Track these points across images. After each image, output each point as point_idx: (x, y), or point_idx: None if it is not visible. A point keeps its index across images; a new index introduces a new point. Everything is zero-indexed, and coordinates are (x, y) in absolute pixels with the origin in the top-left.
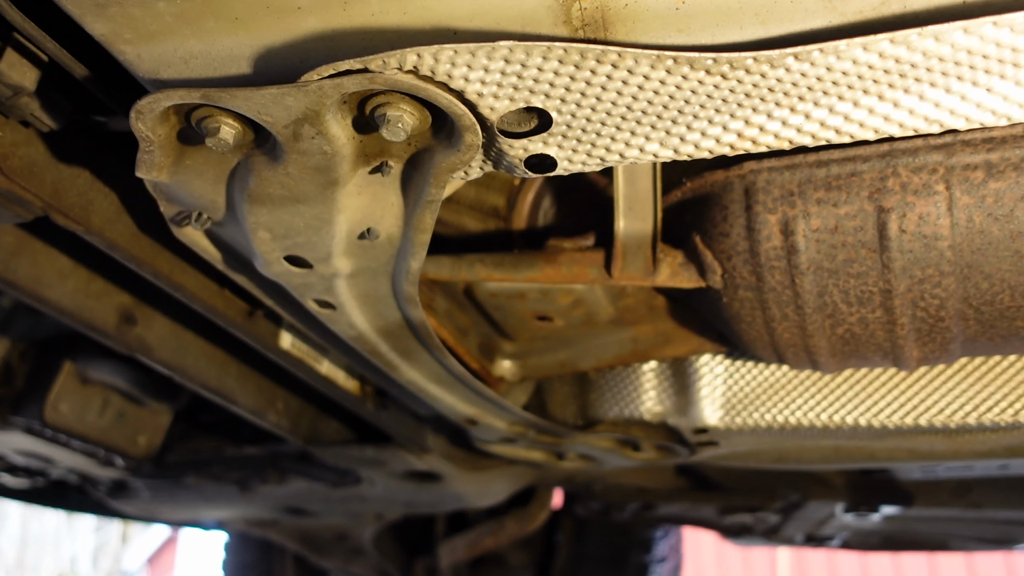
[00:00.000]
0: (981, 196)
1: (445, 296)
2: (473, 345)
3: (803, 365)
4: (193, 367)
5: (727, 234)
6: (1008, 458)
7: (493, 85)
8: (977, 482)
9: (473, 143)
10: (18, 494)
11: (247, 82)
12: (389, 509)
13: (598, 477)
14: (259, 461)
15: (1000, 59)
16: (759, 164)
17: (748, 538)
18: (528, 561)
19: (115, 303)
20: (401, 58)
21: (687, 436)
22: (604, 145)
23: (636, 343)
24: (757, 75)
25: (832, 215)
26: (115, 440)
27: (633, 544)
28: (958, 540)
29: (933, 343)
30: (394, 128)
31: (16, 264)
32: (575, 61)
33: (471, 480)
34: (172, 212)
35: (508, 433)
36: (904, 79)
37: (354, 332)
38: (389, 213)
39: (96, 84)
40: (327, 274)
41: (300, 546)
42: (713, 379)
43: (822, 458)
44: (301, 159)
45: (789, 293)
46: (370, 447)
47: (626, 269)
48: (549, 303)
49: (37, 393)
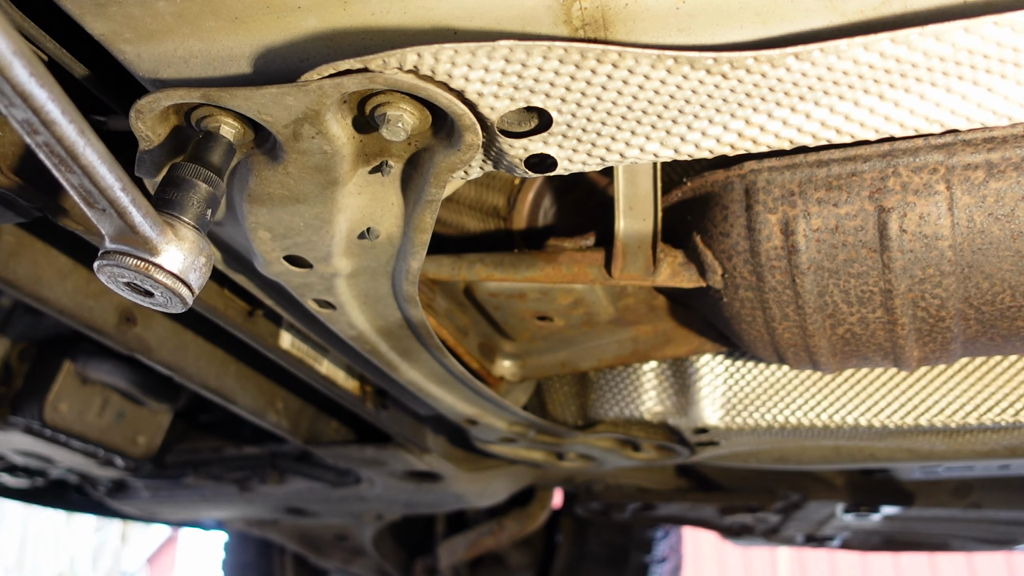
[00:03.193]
0: (982, 196)
1: (445, 296)
2: (473, 345)
3: (803, 365)
4: (193, 367)
5: (727, 234)
6: (1009, 458)
7: (493, 85)
8: (978, 482)
9: (473, 143)
10: (18, 494)
11: (247, 81)
12: (389, 509)
13: (598, 477)
14: (259, 461)
15: (1001, 59)
16: (759, 164)
17: (748, 538)
18: (528, 561)
19: (115, 303)
20: (401, 58)
21: (687, 436)
22: (604, 145)
23: (636, 343)
24: (758, 75)
25: (833, 215)
26: (114, 440)
27: (633, 544)
28: (959, 540)
29: (934, 343)
30: (394, 128)
31: (16, 264)
32: (575, 61)
33: (471, 480)
34: None
35: (508, 433)
36: (905, 79)
37: (354, 332)
38: (389, 213)
39: (96, 83)
40: (327, 274)
41: (300, 546)
42: (713, 379)
43: (822, 458)
44: (301, 159)
45: (790, 293)
46: (370, 447)
47: (626, 269)
48: (549, 303)
49: (37, 393)
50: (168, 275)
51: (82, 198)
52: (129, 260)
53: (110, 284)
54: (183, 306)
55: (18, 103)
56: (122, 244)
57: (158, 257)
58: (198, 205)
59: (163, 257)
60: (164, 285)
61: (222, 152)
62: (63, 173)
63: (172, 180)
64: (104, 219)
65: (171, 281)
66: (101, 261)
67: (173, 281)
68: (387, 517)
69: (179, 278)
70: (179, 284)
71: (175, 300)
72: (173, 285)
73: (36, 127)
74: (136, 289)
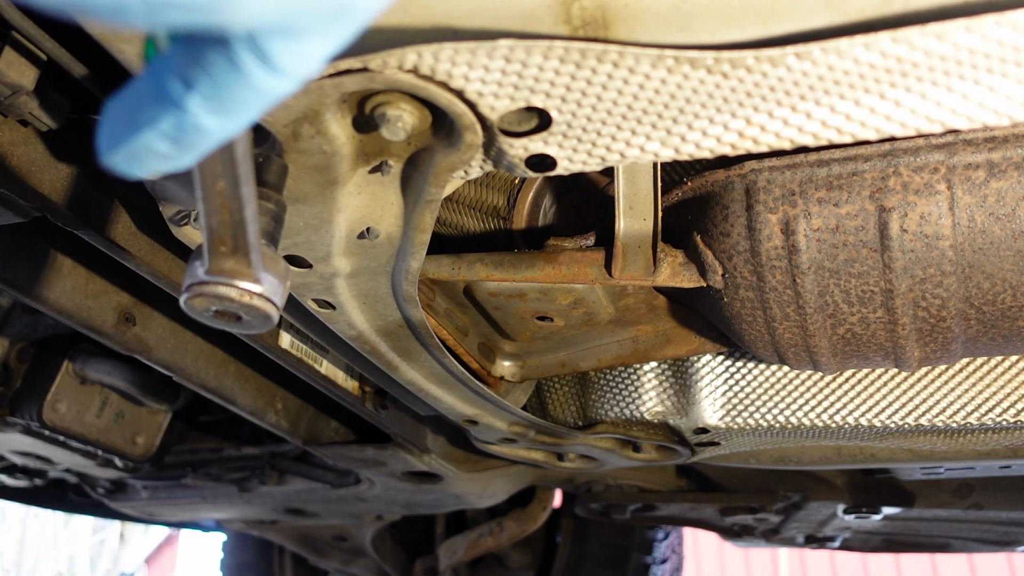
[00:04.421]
0: (983, 195)
1: (445, 296)
2: (473, 345)
3: (804, 365)
4: (192, 367)
5: (728, 234)
6: (1010, 459)
7: (493, 84)
8: (979, 483)
9: (473, 142)
10: (17, 494)
11: None
12: (389, 510)
13: (598, 478)
14: (258, 461)
15: (1002, 58)
16: (760, 164)
17: (749, 539)
18: (528, 561)
19: (114, 303)
20: (401, 57)
21: (688, 436)
22: (605, 144)
23: (636, 343)
24: (758, 74)
25: (833, 215)
26: (113, 440)
27: (633, 545)
28: (960, 541)
29: (935, 343)
30: (394, 127)
31: (15, 264)
32: (575, 60)
33: (471, 480)
34: (171, 212)
35: (508, 433)
36: (906, 79)
37: (354, 332)
38: (389, 212)
39: (95, 83)
40: (326, 274)
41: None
42: (714, 379)
43: (823, 458)
44: (300, 158)
45: (790, 293)
46: (370, 447)
47: (627, 269)
48: (549, 303)
49: (35, 393)
50: (266, 301)
51: (218, 240)
52: (232, 291)
53: (196, 316)
54: (270, 325)
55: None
56: (218, 276)
57: (259, 287)
58: (274, 228)
59: (263, 287)
60: (259, 310)
61: (278, 172)
62: (214, 216)
63: None
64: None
65: (266, 305)
66: (192, 293)
67: (265, 304)
68: (387, 518)
69: (271, 300)
70: (270, 306)
71: (263, 320)
72: (265, 308)
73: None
74: (224, 316)
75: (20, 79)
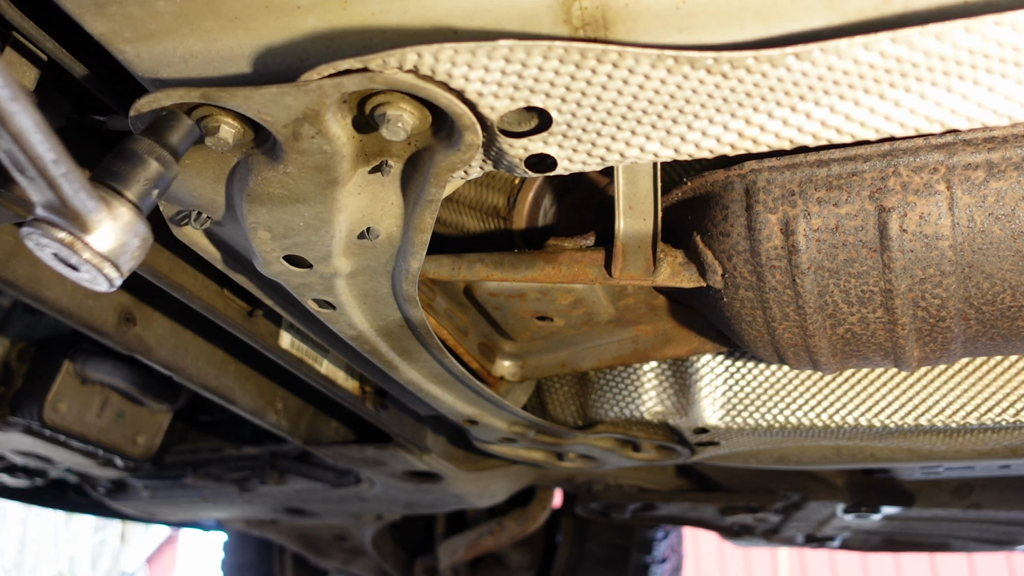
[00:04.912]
0: (982, 195)
1: (445, 296)
2: (473, 345)
3: (804, 365)
4: (192, 367)
5: (728, 234)
6: (1009, 458)
7: (493, 84)
8: (978, 482)
9: (473, 143)
10: (17, 494)
11: (247, 81)
12: (389, 509)
13: (598, 477)
14: (258, 461)
15: (1002, 58)
16: (760, 164)
17: (749, 539)
18: (528, 561)
19: (114, 303)
20: (401, 57)
21: (688, 436)
22: (604, 144)
23: (636, 343)
24: (758, 74)
25: (833, 215)
26: (114, 440)
27: (633, 544)
28: (959, 541)
29: (934, 343)
30: (394, 127)
31: (15, 264)
32: (575, 60)
33: (471, 480)
34: (171, 212)
35: (508, 433)
36: (905, 79)
37: (354, 332)
38: (389, 213)
39: (95, 83)
40: (327, 274)
41: (299, 546)
42: (714, 379)
43: (823, 458)
44: (301, 158)
45: (790, 293)
46: (370, 447)
47: (626, 268)
48: (549, 303)
49: (36, 393)
50: (95, 254)
51: (12, 164)
52: (55, 232)
53: (36, 252)
54: (109, 287)
55: None
56: (51, 214)
57: (88, 235)
58: (144, 183)
59: (93, 235)
60: (90, 263)
61: (183, 133)
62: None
63: (123, 152)
64: (34, 188)
65: (97, 260)
66: (28, 228)
67: (100, 260)
68: (387, 517)
69: (106, 258)
70: (106, 264)
71: (101, 279)
72: (99, 264)
73: None
74: (62, 261)
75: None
